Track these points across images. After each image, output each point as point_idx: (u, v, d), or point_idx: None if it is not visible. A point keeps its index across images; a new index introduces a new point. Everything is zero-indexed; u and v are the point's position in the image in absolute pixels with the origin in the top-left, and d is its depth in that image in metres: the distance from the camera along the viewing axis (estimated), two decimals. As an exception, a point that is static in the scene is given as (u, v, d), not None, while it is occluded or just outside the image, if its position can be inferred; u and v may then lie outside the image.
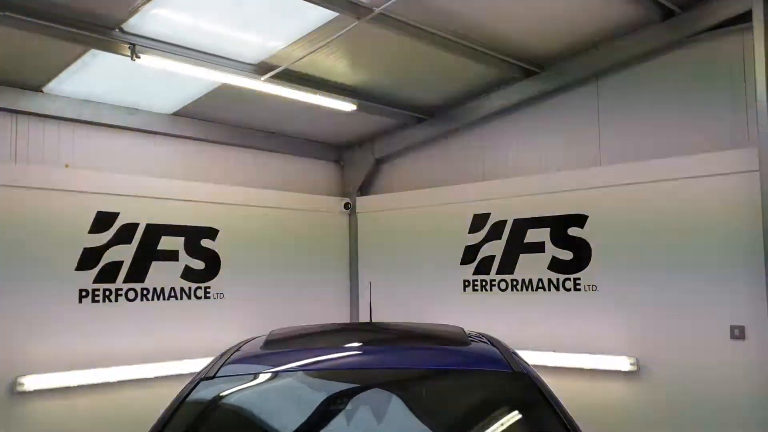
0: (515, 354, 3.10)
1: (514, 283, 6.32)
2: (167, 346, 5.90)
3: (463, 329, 3.51)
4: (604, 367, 5.61)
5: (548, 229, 6.10)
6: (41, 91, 5.50)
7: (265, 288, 6.74)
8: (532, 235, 6.20)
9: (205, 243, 6.35)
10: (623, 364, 5.49)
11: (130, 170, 6.04)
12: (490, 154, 6.82)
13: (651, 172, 5.52)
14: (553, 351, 5.81)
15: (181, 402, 2.77)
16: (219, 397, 2.81)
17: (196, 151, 6.62)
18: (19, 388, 5.06)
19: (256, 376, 2.95)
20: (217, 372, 2.90)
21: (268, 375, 2.92)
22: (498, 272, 6.43)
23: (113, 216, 5.73)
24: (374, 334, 3.59)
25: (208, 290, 6.31)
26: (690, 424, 5.19)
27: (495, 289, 6.46)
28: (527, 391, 2.80)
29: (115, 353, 5.61)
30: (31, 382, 5.09)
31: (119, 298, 5.72)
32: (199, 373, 3.00)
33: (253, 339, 3.46)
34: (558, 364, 5.68)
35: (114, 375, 5.53)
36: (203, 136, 6.58)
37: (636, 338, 5.54)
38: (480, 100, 6.66)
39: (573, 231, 5.94)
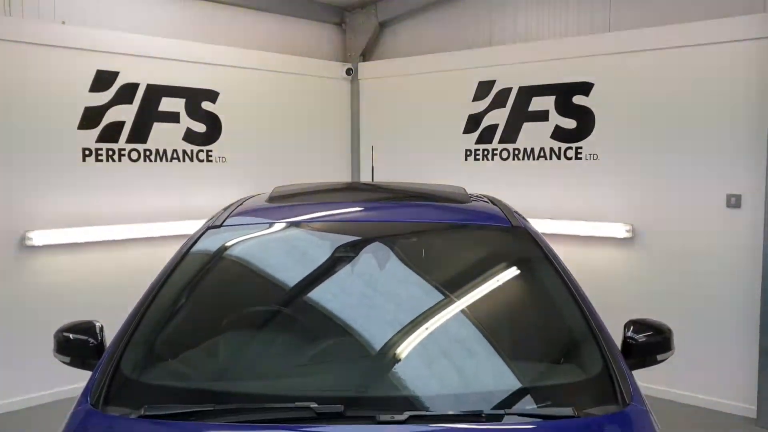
0: (516, 212, 3.15)
1: (516, 152, 6.33)
2: (171, 207, 5.99)
3: (464, 189, 3.55)
4: (600, 234, 5.73)
5: (553, 97, 6.03)
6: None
7: (267, 152, 6.75)
8: (537, 104, 6.14)
9: (206, 106, 6.30)
10: (619, 231, 5.60)
11: (129, 29, 5.88)
12: (498, 19, 6.63)
13: (660, 38, 5.40)
14: (552, 219, 5.90)
15: (188, 250, 2.84)
16: (226, 246, 2.88)
17: (196, 11, 6.43)
18: (28, 243, 5.19)
19: (262, 226, 3.01)
20: (224, 221, 2.96)
21: (274, 225, 2.98)
22: (500, 141, 6.42)
23: (113, 75, 5.64)
24: (377, 192, 3.64)
25: (210, 153, 6.32)
26: (682, 289, 5.37)
27: (497, 158, 6.47)
28: (525, 245, 2.87)
29: (120, 212, 5.71)
30: (38, 237, 5.21)
31: (122, 158, 5.74)
32: (205, 223, 3.07)
33: (257, 195, 3.51)
34: (556, 231, 5.78)
35: (120, 233, 5.65)
36: (202, -5, 6.37)
37: (633, 206, 5.62)
38: (489, -39, 6.40)
39: (578, 99, 5.88)
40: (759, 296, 4.98)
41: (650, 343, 2.57)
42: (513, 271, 2.84)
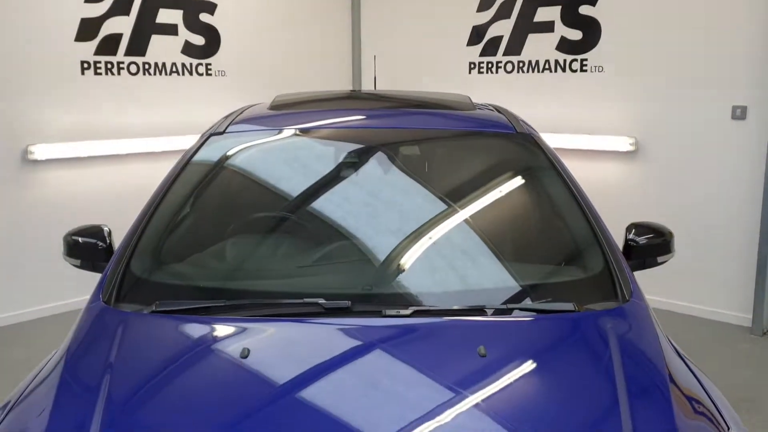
0: (521, 120, 3.13)
1: (521, 64, 6.23)
2: (172, 122, 5.96)
3: (469, 97, 3.52)
4: (603, 147, 5.71)
5: (559, 8, 5.89)
6: None
7: (266, 66, 6.66)
8: (542, 14, 6.01)
9: (204, 18, 6.17)
10: (622, 144, 5.58)
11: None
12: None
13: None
14: (555, 132, 5.87)
15: (191, 157, 2.85)
16: (229, 152, 2.88)
17: None
18: (30, 157, 5.18)
19: (265, 132, 3.00)
20: (226, 128, 2.95)
21: (277, 132, 2.96)
22: (505, 53, 6.32)
23: (108, -16, 5.51)
24: (380, 100, 3.61)
25: (209, 67, 6.23)
26: (684, 202, 5.39)
27: (501, 71, 6.38)
28: (531, 151, 2.86)
29: (121, 127, 5.68)
30: (41, 151, 5.20)
31: (121, 71, 5.66)
32: (207, 130, 3.06)
33: (258, 104, 3.48)
34: (559, 145, 5.75)
35: (121, 147, 5.63)
36: None
37: (637, 119, 5.58)
38: None
39: (584, 9, 5.74)
40: (760, 208, 5.01)
41: (651, 245, 2.60)
42: (517, 177, 2.85)
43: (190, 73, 6.12)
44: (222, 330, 2.02)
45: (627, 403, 1.71)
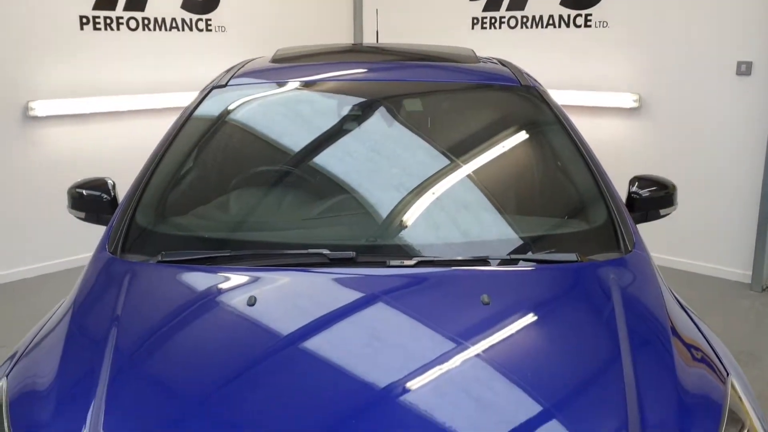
0: (526, 72, 3.11)
1: (525, 20, 6.15)
2: (172, 78, 5.91)
3: (473, 50, 3.49)
4: (607, 104, 5.66)
5: (564, -39, 5.81)
6: None
7: (267, 21, 6.57)
8: (547, -32, 5.92)
9: (204, -29, 6.08)
10: (626, 101, 5.54)
11: None
12: None
13: None
14: (559, 89, 5.82)
15: (194, 109, 2.84)
16: (232, 105, 2.87)
17: None
18: (31, 113, 5.16)
19: (267, 85, 2.98)
20: (228, 82, 2.93)
21: (279, 85, 2.95)
22: (508, 8, 6.23)
23: (105, -63, 5.41)
24: (383, 53, 3.57)
25: (209, 22, 6.16)
26: (687, 158, 5.38)
27: (504, 27, 6.30)
28: (535, 104, 2.85)
29: (122, 83, 5.63)
30: (41, 108, 5.17)
31: (121, 26, 5.60)
32: (209, 83, 3.04)
33: (260, 57, 3.45)
34: (563, 102, 5.67)
35: (122, 104, 5.60)
36: None
37: (641, 75, 5.53)
38: None
39: (590, -37, 5.65)
40: (763, 164, 5.00)
41: (654, 197, 2.61)
42: (522, 130, 2.84)
43: (190, 29, 6.05)
44: (228, 279, 2.04)
45: (628, 349, 1.73)
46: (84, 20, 5.39)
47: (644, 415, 1.56)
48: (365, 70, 3.15)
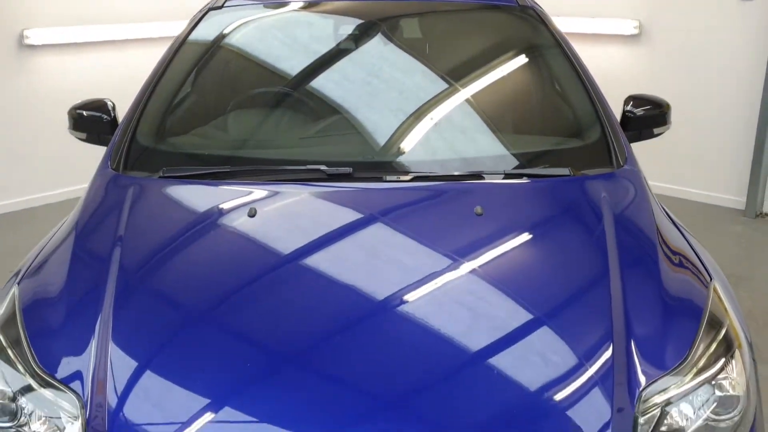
0: None
1: (524, -56, 6.03)
2: (170, 6, 5.83)
3: None
4: (606, 31, 5.61)
5: None
6: None
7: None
8: None
9: None
10: (626, 27, 5.49)
11: None
12: None
13: None
14: (556, 15, 5.75)
15: (190, 31, 2.84)
16: (230, 26, 2.87)
17: None
18: (26, 41, 5.12)
19: (264, 6, 2.97)
20: (224, 3, 2.92)
21: (277, 6, 2.93)
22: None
23: None
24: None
25: (204, -52, 6.05)
26: (686, 86, 5.36)
27: (503, -48, 6.18)
28: (533, 24, 2.85)
29: (119, 11, 5.57)
30: (36, 36, 5.13)
31: (114, -48, 5.51)
32: (205, 5, 3.03)
33: None
34: (561, 29, 5.66)
35: (120, 33, 5.55)
36: None
37: (641, 1, 5.47)
38: None
39: None
40: (761, 92, 5.00)
41: (648, 116, 2.64)
42: (519, 49, 2.85)
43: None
44: (228, 193, 2.09)
45: (616, 256, 1.80)
46: (77, -55, 5.30)
47: (629, 317, 1.63)
48: None
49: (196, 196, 2.11)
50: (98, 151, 2.52)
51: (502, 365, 1.52)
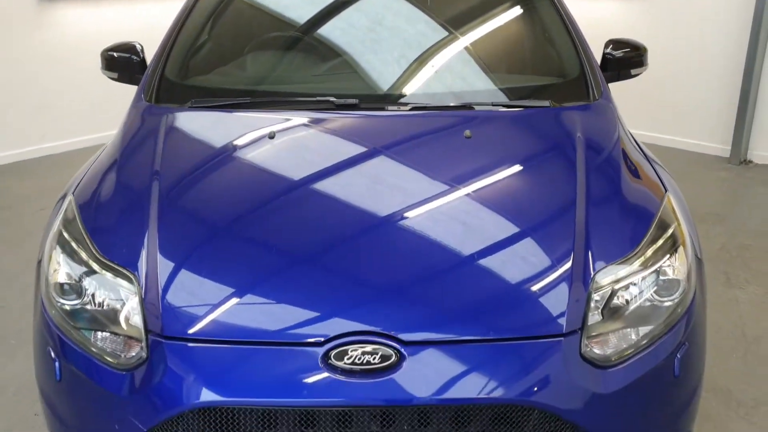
0: None
1: None
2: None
3: None
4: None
5: None
6: None
7: None
8: None
9: None
10: (621, -18, 5.71)
11: None
12: None
13: None
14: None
15: None
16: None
17: None
18: (48, -5, 5.38)
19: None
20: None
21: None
22: None
23: None
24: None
25: None
26: (673, 38, 5.60)
27: None
28: None
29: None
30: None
31: None
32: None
33: None
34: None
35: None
36: None
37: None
38: None
39: None
40: (747, 41, 5.24)
41: (626, 58, 2.92)
42: (519, 18, 3.07)
43: None
44: (250, 119, 2.43)
45: (584, 171, 2.10)
46: None
47: (589, 220, 1.94)
48: None
49: (223, 121, 2.43)
50: (124, 100, 2.80)
51: (482, 262, 1.83)
